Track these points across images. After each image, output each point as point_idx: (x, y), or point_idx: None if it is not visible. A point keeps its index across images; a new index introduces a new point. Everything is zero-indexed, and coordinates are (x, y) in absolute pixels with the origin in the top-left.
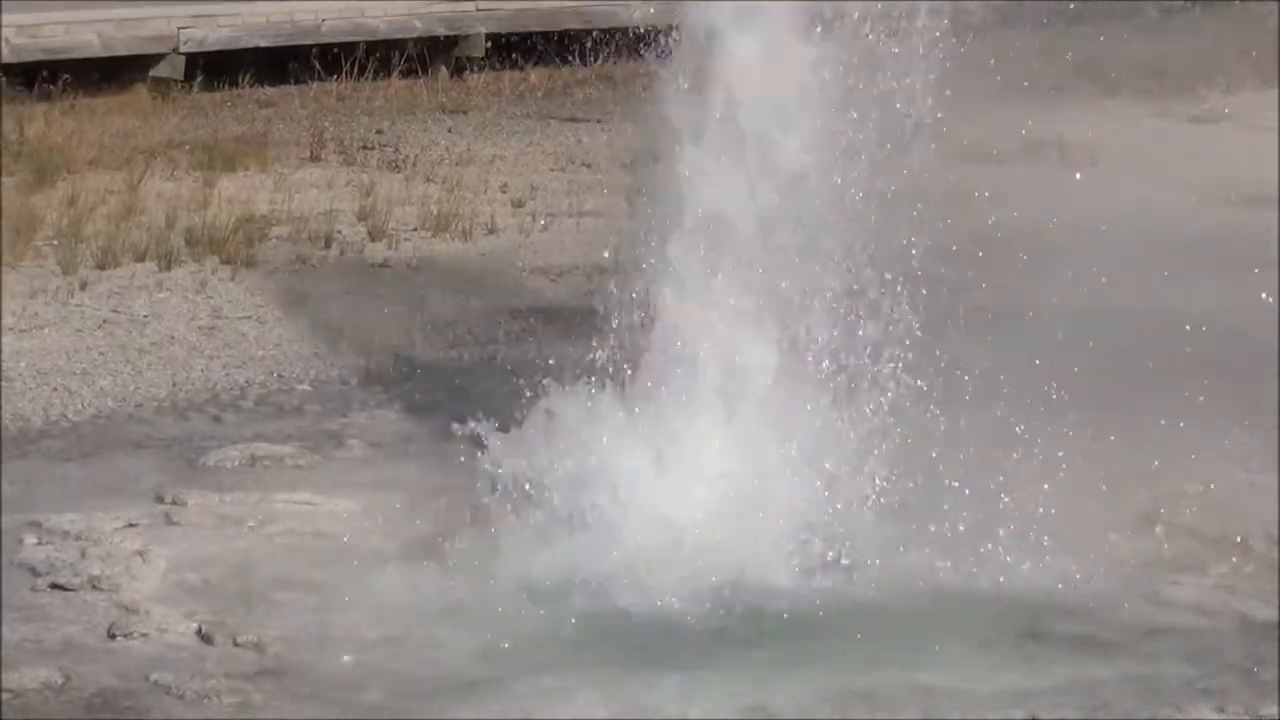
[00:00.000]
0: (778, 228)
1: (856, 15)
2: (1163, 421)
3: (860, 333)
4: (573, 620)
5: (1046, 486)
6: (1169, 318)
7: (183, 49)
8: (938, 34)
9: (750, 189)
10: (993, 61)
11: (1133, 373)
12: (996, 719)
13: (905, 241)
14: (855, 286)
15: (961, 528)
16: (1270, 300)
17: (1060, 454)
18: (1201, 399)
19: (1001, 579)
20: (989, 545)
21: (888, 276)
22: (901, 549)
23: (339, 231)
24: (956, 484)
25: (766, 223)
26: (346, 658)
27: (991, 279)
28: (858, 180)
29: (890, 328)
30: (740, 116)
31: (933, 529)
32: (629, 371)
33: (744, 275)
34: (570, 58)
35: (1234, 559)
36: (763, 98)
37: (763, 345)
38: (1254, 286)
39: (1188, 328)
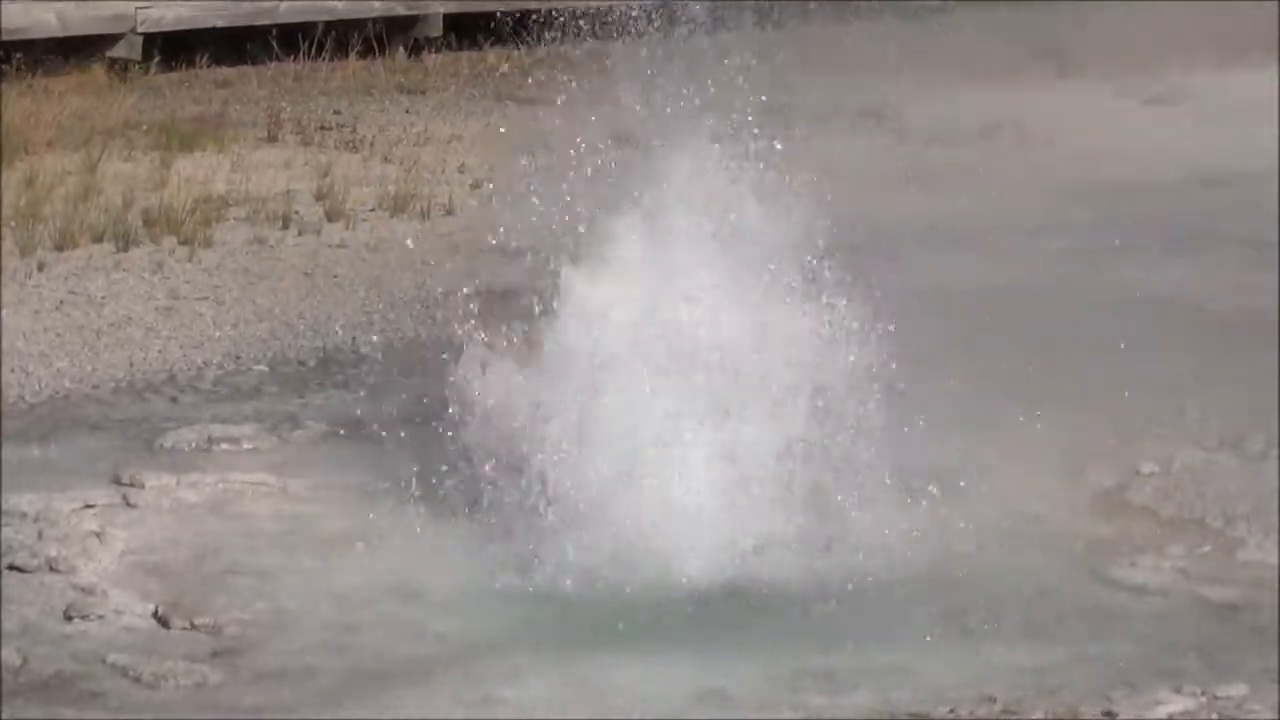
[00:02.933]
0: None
1: None
2: (1119, 397)
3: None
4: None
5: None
6: (1126, 294)
7: (140, 29)
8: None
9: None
10: (951, 43)
11: (1087, 348)
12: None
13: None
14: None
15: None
16: (1226, 277)
17: (1013, 430)
18: (1158, 375)
19: None
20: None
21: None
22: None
23: (297, 212)
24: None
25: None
26: (303, 640)
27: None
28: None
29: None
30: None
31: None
32: None
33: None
34: (528, 38)
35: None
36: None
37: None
38: (1210, 264)
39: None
